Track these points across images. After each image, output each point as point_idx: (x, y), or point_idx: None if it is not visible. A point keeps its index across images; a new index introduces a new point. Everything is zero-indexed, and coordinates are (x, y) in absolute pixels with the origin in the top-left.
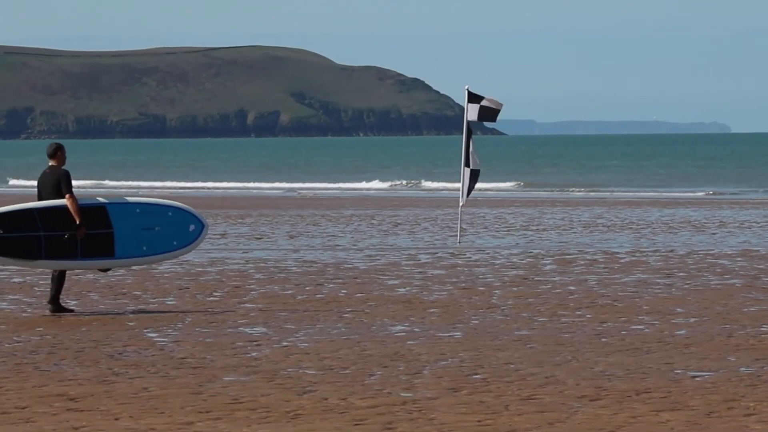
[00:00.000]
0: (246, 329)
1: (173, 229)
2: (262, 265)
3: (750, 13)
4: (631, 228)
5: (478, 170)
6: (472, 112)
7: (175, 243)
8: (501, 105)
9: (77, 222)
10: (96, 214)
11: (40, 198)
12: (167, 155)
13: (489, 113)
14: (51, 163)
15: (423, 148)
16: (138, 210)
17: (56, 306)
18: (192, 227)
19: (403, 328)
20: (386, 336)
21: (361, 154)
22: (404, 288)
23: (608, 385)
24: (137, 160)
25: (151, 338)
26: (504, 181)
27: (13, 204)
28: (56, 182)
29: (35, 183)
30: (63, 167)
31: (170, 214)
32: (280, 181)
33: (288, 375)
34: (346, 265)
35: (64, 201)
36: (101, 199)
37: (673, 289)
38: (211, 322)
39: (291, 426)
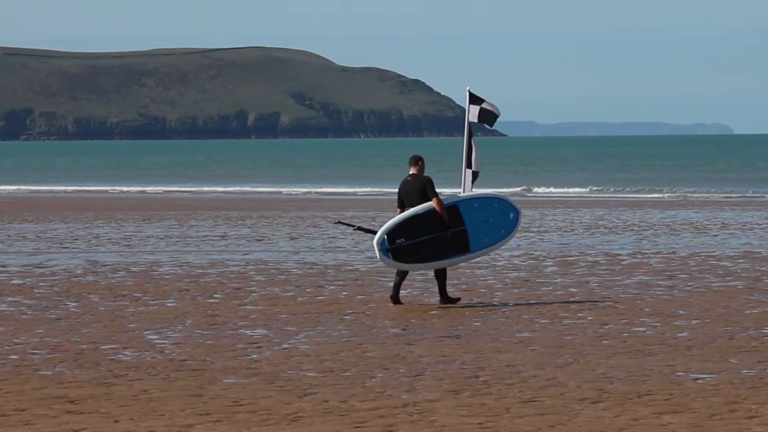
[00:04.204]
0: (246, 331)
1: (500, 218)
2: (262, 266)
3: (751, 14)
4: (632, 230)
5: (478, 172)
6: (473, 114)
7: (503, 232)
8: (499, 112)
9: (447, 223)
10: (451, 213)
11: (400, 203)
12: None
13: (488, 116)
14: (412, 171)
15: (424, 149)
16: (476, 204)
17: (445, 298)
18: (511, 215)
19: (404, 330)
20: (387, 338)
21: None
22: (405, 290)
23: (610, 387)
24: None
25: (151, 340)
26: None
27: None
28: (421, 187)
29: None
30: (424, 175)
31: (495, 205)
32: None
33: (288, 377)
34: (347, 267)
35: (430, 204)
36: (449, 200)
37: (675, 291)
38: (212, 324)
39: (291, 428)
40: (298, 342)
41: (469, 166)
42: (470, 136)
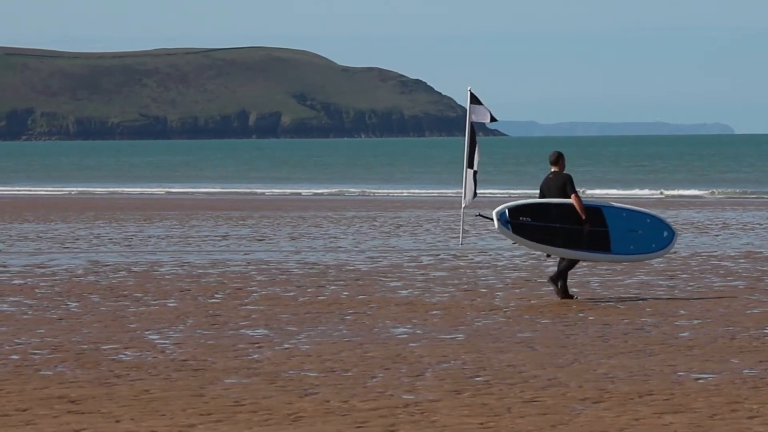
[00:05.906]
0: (247, 331)
1: (652, 233)
2: (263, 266)
3: (753, 14)
4: None
5: (477, 171)
6: (474, 113)
7: (653, 246)
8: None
9: (583, 218)
10: (593, 213)
11: (542, 198)
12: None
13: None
14: (553, 168)
15: (424, 149)
16: (624, 214)
17: (564, 293)
18: (665, 233)
19: (405, 330)
20: (388, 338)
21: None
22: (406, 290)
23: (611, 387)
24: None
25: (152, 340)
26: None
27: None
28: (561, 185)
29: None
30: (565, 172)
31: (648, 221)
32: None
33: (290, 377)
34: (347, 267)
35: (570, 200)
36: (595, 202)
37: (676, 291)
38: (213, 324)
39: (292, 428)
40: (299, 342)
41: (470, 165)
42: (473, 135)
